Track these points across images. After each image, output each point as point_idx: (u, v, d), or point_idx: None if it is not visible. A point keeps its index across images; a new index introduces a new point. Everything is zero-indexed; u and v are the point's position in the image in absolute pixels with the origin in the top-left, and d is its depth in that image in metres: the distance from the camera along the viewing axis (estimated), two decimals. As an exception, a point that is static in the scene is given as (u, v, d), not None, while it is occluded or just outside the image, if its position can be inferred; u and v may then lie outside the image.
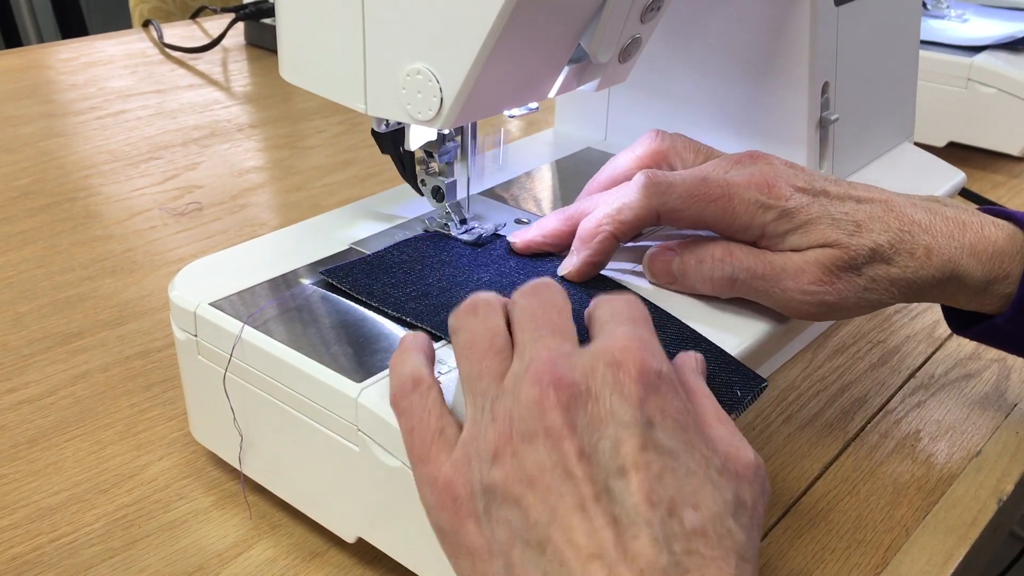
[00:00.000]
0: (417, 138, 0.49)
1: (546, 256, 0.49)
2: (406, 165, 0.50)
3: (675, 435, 0.32)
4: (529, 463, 0.31)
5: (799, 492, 0.48)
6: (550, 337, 0.35)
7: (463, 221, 0.51)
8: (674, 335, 0.44)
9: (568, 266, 0.46)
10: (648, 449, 0.31)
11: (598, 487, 0.30)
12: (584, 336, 0.37)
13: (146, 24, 1.27)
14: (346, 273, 0.47)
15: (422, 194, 0.51)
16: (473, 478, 0.32)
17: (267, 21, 1.19)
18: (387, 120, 0.48)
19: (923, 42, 0.86)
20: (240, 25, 1.22)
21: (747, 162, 0.47)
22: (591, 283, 0.47)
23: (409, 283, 0.46)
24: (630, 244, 0.49)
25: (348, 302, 0.45)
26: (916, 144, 0.69)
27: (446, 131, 0.48)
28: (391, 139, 0.49)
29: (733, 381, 0.41)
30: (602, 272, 0.47)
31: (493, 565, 0.31)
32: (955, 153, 0.88)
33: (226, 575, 0.43)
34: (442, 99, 0.40)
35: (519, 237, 0.49)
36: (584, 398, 0.32)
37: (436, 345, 0.41)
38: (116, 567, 0.43)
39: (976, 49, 0.88)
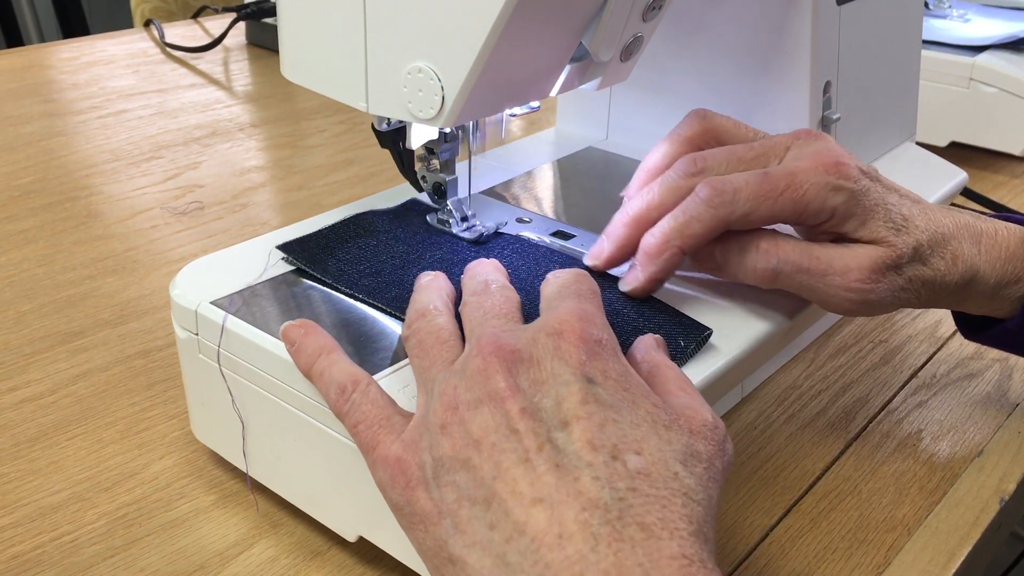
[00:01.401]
0: (418, 136, 0.49)
1: (496, 237, 0.50)
2: (405, 161, 0.50)
3: (616, 393, 0.33)
4: (475, 427, 0.32)
5: (801, 491, 0.48)
6: (496, 319, 0.37)
7: (464, 219, 0.51)
8: (619, 294, 0.45)
9: (632, 282, 0.44)
10: (589, 402, 0.32)
11: (540, 439, 0.31)
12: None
13: (147, 24, 1.27)
14: (302, 248, 0.47)
15: (421, 189, 0.51)
16: (423, 453, 0.33)
17: (268, 20, 1.19)
18: (388, 119, 0.48)
19: (925, 42, 0.86)
20: (241, 25, 1.22)
21: (806, 139, 0.45)
22: (544, 256, 0.48)
23: (363, 259, 0.47)
24: None
25: (349, 300, 0.45)
26: (918, 144, 0.69)
27: (447, 130, 0.48)
28: (392, 137, 0.49)
29: (677, 332, 0.42)
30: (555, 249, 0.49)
31: (441, 526, 0.32)
32: (957, 153, 0.88)
33: (227, 574, 0.43)
34: (443, 97, 0.40)
35: (596, 257, 0.46)
36: (527, 364, 0.33)
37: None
38: (117, 566, 0.43)
39: (978, 49, 0.88)
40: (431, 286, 0.41)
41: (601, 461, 0.30)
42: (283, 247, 0.48)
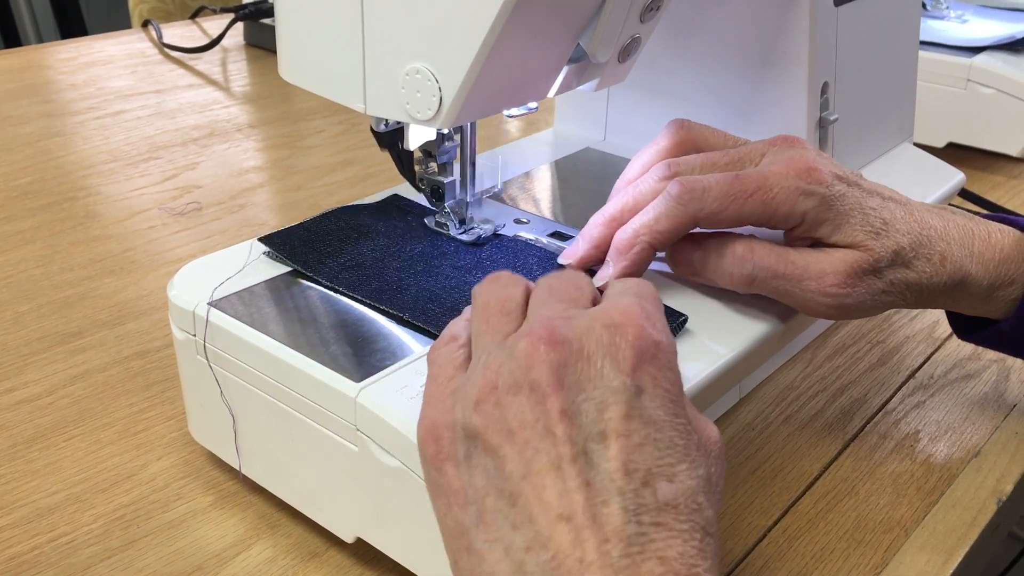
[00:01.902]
0: (416, 137, 0.49)
1: (494, 239, 0.50)
2: (405, 162, 0.50)
3: (663, 407, 0.32)
4: (511, 415, 0.31)
5: (798, 492, 0.48)
6: (558, 303, 0.35)
7: (462, 221, 0.51)
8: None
9: (604, 277, 0.44)
10: (632, 418, 0.31)
11: (576, 448, 0.30)
12: None
13: (145, 24, 1.27)
14: (283, 240, 0.48)
15: (420, 190, 0.51)
16: (456, 421, 0.32)
17: (266, 21, 1.19)
18: (386, 120, 0.48)
19: (922, 43, 0.86)
20: (239, 25, 1.22)
21: (782, 146, 0.45)
22: (537, 257, 0.48)
23: (344, 252, 0.47)
24: None
25: (348, 301, 0.45)
26: (916, 144, 0.69)
27: (445, 131, 0.48)
28: (390, 138, 0.49)
29: None
30: None
31: (467, 511, 0.31)
32: (954, 154, 0.88)
33: (225, 575, 0.43)
34: (441, 98, 0.40)
35: (570, 256, 0.46)
36: (575, 357, 0.32)
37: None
38: (114, 567, 0.43)
39: (975, 50, 0.88)
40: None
41: (632, 489, 0.29)
42: (264, 239, 0.48)
